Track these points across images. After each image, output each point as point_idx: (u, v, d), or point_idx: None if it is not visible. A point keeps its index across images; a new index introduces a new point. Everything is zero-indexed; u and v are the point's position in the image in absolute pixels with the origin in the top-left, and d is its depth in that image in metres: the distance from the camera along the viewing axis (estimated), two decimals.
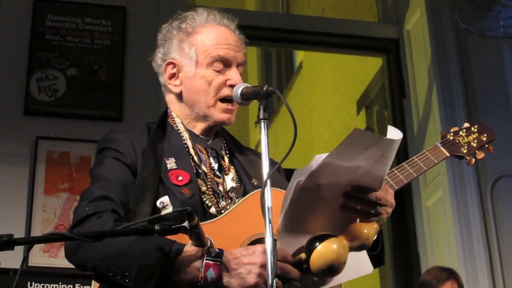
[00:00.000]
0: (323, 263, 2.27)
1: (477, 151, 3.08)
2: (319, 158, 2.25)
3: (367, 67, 8.69)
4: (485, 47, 6.38)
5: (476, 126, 3.13)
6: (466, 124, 3.14)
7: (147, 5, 6.28)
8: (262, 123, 2.37)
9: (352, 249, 2.34)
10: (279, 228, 2.32)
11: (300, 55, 11.62)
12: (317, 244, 2.29)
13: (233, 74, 2.77)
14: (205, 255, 2.29)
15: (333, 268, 2.28)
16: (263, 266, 2.28)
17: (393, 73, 6.98)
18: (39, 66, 5.90)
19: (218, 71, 2.77)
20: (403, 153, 6.47)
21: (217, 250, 2.30)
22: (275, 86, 2.45)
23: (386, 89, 7.11)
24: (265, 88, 2.44)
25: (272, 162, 2.41)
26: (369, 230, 2.36)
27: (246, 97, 2.59)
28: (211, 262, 2.28)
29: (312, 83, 11.09)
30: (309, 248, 2.30)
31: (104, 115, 5.84)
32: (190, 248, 2.32)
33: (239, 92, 2.60)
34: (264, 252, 2.28)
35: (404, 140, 6.55)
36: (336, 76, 10.32)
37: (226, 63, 2.79)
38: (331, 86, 10.50)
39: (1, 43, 5.92)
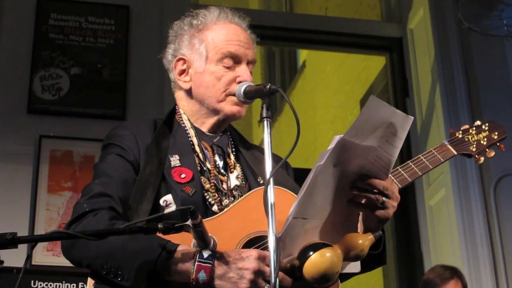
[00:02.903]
0: (316, 272, 2.26)
1: (487, 150, 3.01)
2: (338, 137, 2.25)
3: (370, 66, 8.69)
4: (489, 45, 6.39)
5: (487, 124, 3.06)
6: (477, 122, 3.06)
7: (150, 4, 6.28)
8: (265, 122, 2.36)
9: (346, 259, 2.34)
10: (290, 214, 2.31)
11: (303, 54, 11.62)
12: (311, 252, 2.28)
13: (243, 71, 2.76)
14: (197, 256, 2.29)
15: (326, 277, 2.27)
16: (256, 272, 2.28)
17: (397, 72, 6.97)
18: (43, 64, 5.90)
19: (228, 68, 2.76)
20: (406, 152, 6.46)
21: (210, 252, 2.29)
22: (278, 84, 2.44)
23: (389, 88, 7.11)
24: (268, 87, 2.44)
25: (277, 159, 2.40)
26: (364, 241, 2.35)
27: (249, 95, 2.60)
28: (202, 264, 2.27)
29: (315, 82, 11.09)
30: (303, 256, 2.29)
31: (107, 113, 5.84)
32: (183, 248, 2.31)
33: (242, 90, 2.61)
34: (258, 258, 2.29)
35: (407, 139, 6.55)
36: (339, 75, 10.31)
37: (236, 60, 2.77)
38: (334, 85, 10.49)
39: (5, 42, 5.92)
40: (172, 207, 2.43)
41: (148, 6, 6.28)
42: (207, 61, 2.79)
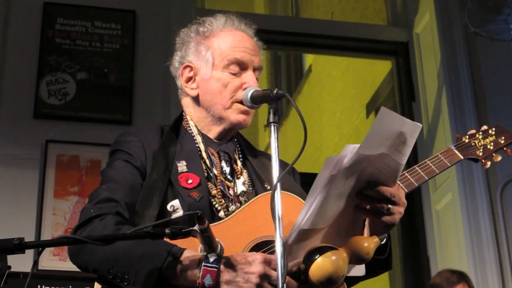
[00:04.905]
0: (322, 275, 2.25)
1: (493, 154, 3.00)
2: (353, 149, 2.24)
3: (376, 70, 8.68)
4: (495, 50, 6.38)
5: (494, 129, 3.06)
6: (484, 127, 3.06)
7: (156, 9, 6.29)
8: (272, 127, 2.36)
9: (351, 262, 2.33)
10: (299, 224, 2.31)
11: (309, 59, 11.61)
12: (317, 256, 2.27)
13: (249, 77, 2.76)
14: (203, 261, 2.29)
15: (331, 281, 2.26)
16: (262, 276, 2.28)
17: (403, 76, 6.97)
18: (49, 69, 5.91)
19: (234, 74, 2.77)
20: (413, 156, 6.45)
21: (216, 257, 2.29)
22: (284, 89, 2.44)
23: (395, 92, 7.10)
24: (275, 92, 2.43)
25: (284, 165, 2.40)
26: (369, 244, 2.34)
27: (256, 100, 2.60)
28: (208, 268, 2.28)
29: (321, 87, 11.08)
30: (309, 259, 2.28)
31: (113, 118, 5.85)
32: (189, 253, 2.32)
33: (249, 95, 2.61)
34: (264, 261, 2.30)
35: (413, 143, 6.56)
36: (345, 80, 10.31)
37: (242, 66, 2.78)
38: (340, 89, 10.49)
39: (12, 47, 5.93)
40: (179, 212, 2.43)
41: (154, 11, 6.29)
42: (214, 67, 2.80)
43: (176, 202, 2.48)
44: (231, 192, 2.72)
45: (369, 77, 9.05)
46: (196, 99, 2.85)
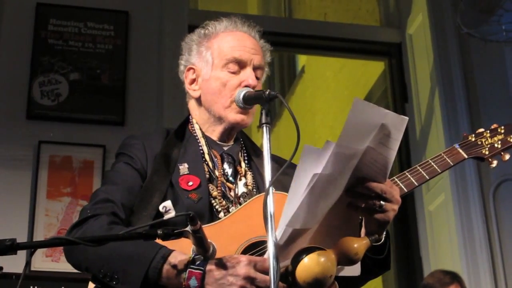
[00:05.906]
0: (308, 276, 2.23)
1: (502, 153, 2.92)
2: (332, 145, 2.20)
3: (369, 71, 8.68)
4: (487, 51, 6.38)
5: (503, 127, 2.99)
6: (494, 125, 3.00)
7: (149, 10, 6.28)
8: (265, 128, 2.37)
9: (340, 263, 2.30)
10: (288, 219, 2.28)
11: (302, 59, 11.61)
12: (304, 256, 2.25)
13: (247, 75, 2.78)
14: (189, 263, 2.30)
15: (319, 282, 2.23)
16: (246, 278, 2.28)
17: (396, 77, 6.97)
18: (42, 70, 5.90)
19: (233, 73, 2.79)
20: (405, 157, 6.47)
21: (202, 258, 2.30)
22: (277, 90, 2.45)
23: (388, 93, 7.10)
24: (267, 93, 2.44)
25: (282, 163, 2.40)
26: (359, 245, 2.31)
27: (248, 101, 2.62)
28: (194, 270, 2.29)
29: (314, 87, 11.08)
30: (295, 260, 2.27)
31: (106, 119, 5.84)
32: (176, 254, 2.34)
33: (241, 96, 2.63)
34: (248, 263, 2.30)
35: (406, 144, 6.58)
36: (338, 80, 10.31)
37: (241, 65, 2.80)
38: (333, 90, 10.49)
39: (4, 48, 5.92)
40: (172, 213, 2.43)
41: (147, 11, 6.28)
42: (213, 67, 2.82)
43: (168, 203, 2.48)
44: (232, 193, 2.73)
45: (362, 78, 9.06)
46: (198, 101, 2.87)
